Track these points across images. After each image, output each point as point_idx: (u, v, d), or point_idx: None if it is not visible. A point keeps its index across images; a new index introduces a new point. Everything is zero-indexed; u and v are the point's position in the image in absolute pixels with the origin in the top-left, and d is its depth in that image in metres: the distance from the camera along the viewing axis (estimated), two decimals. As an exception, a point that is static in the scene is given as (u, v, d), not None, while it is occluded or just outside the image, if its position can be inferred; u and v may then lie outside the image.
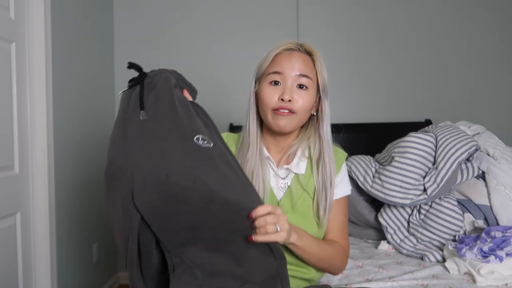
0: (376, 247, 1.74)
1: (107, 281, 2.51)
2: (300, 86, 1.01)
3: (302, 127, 1.12)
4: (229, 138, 1.16)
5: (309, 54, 1.05)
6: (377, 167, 1.82)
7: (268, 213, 0.82)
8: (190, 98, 0.88)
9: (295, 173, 1.07)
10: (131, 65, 0.84)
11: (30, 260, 1.74)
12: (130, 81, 0.85)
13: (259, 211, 0.81)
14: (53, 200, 1.83)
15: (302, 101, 1.00)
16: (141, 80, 0.83)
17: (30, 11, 1.73)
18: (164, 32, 2.58)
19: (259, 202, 0.84)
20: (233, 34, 2.59)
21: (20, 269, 1.67)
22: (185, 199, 0.75)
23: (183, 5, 2.59)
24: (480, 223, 1.62)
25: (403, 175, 1.64)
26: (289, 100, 0.99)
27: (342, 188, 1.11)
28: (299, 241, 0.95)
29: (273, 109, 1.01)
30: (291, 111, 1.00)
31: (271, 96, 1.01)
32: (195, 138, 0.79)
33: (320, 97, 1.06)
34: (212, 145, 0.81)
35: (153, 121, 0.79)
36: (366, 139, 2.36)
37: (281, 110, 1.00)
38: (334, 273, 1.12)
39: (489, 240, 1.39)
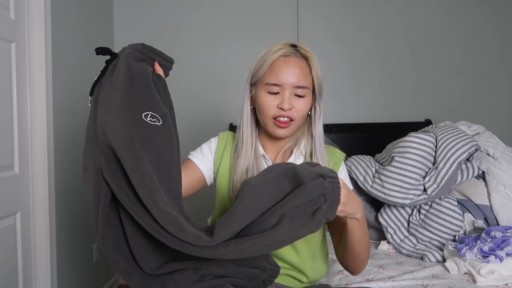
0: (376, 247, 1.74)
1: (107, 281, 2.51)
2: (298, 95, 1.02)
3: None
4: (229, 136, 1.17)
5: (305, 58, 1.04)
6: (377, 167, 1.82)
7: None
8: (161, 71, 0.87)
9: None
10: (100, 50, 0.81)
11: (30, 260, 1.74)
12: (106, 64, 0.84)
13: None
14: (53, 200, 1.82)
15: (300, 108, 1.02)
16: (109, 63, 0.81)
17: (30, 11, 1.73)
18: (164, 33, 2.58)
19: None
20: (233, 34, 2.59)
21: (20, 269, 1.66)
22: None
23: (183, 5, 2.59)
24: (480, 223, 1.62)
25: (403, 175, 1.64)
26: (289, 109, 1.00)
27: None
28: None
29: (273, 117, 1.02)
30: (291, 119, 1.02)
31: (270, 105, 1.02)
32: (143, 115, 0.78)
33: (314, 99, 1.07)
34: (160, 123, 0.79)
35: (111, 99, 0.79)
36: (366, 139, 2.36)
37: (281, 119, 1.01)
38: (360, 267, 1.02)
39: (489, 240, 1.38)
